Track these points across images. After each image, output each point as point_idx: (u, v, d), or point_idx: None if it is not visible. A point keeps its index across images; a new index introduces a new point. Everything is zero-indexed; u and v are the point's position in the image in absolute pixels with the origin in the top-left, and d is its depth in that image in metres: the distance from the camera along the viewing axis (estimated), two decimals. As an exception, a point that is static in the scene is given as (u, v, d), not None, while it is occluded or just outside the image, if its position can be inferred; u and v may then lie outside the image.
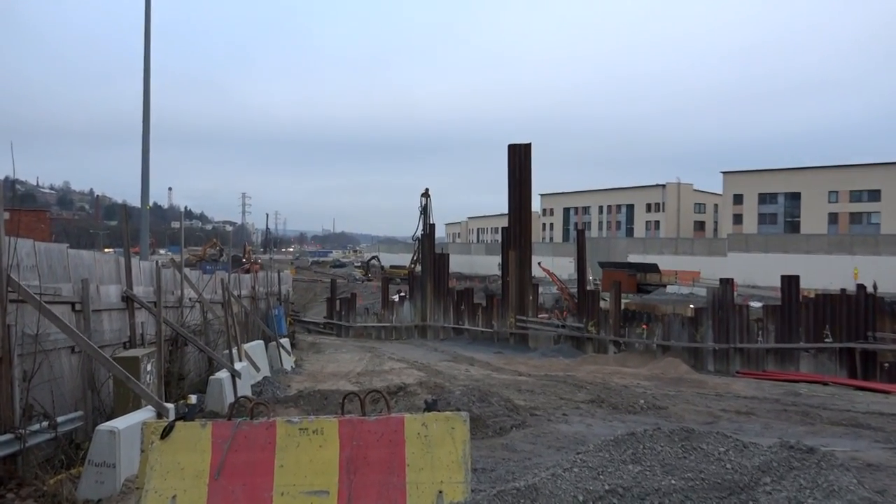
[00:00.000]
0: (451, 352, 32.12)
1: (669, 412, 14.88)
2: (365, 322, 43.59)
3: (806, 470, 6.27)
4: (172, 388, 13.61)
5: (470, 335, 38.64)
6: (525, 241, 37.42)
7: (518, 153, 37.73)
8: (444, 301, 40.81)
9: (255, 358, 18.01)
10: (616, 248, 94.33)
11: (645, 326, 31.34)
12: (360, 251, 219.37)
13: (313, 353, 29.47)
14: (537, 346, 35.12)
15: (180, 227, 23.55)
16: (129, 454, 8.34)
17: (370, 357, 27.32)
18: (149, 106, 22.88)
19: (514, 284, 36.97)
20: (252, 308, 24.41)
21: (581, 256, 36.63)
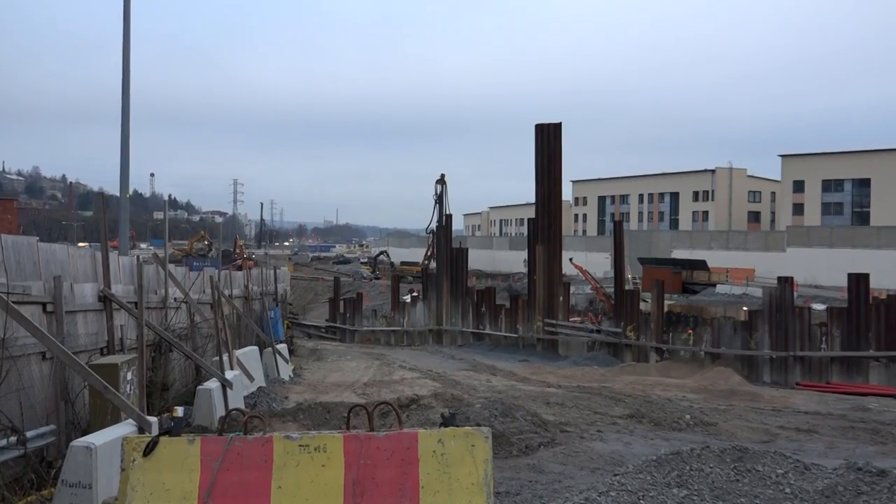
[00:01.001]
0: (470, 359, 32.13)
1: (719, 429, 14.81)
2: (372, 326, 43.69)
3: (876, 495, 6.22)
4: (156, 399, 13.69)
5: (491, 341, 38.63)
6: (554, 233, 37.35)
7: (546, 134, 37.63)
8: (463, 302, 40.83)
9: (248, 366, 18.09)
10: (658, 243, 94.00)
11: (691, 331, 31.20)
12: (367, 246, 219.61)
13: (314, 360, 29.56)
14: (568, 353, 35.05)
15: (164, 219, 23.61)
16: (108, 473, 8.39)
17: (378, 365, 27.38)
18: (128, 80, 23.01)
19: (541, 283, 36.92)
20: (245, 310, 24.51)
21: (618, 252, 36.52)
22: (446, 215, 53.95)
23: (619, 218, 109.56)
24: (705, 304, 52.92)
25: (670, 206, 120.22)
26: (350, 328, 43.82)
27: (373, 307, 54.45)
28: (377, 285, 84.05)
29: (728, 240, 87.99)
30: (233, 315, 21.52)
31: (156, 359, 14.73)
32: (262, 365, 20.83)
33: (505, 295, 56.23)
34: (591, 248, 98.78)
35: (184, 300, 17.12)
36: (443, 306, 41.53)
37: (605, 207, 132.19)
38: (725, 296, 63.39)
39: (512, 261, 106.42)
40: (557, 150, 37.59)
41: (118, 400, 9.53)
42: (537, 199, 37.93)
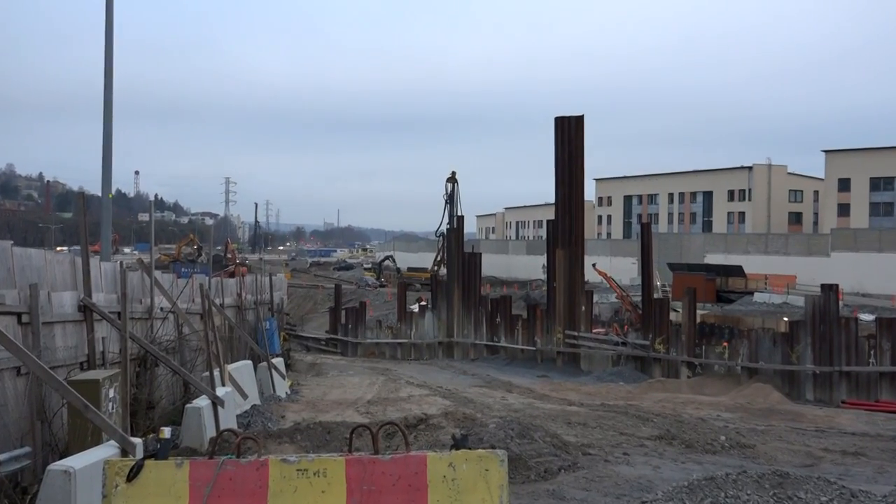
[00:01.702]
0: (483, 375, 32.10)
1: (757, 452, 14.75)
2: (377, 338, 43.70)
3: (932, 526, 6.18)
4: (140, 418, 13.70)
5: (507, 354, 38.60)
6: (576, 237, 37.33)
7: (567, 128, 37.63)
8: (476, 312, 40.82)
9: (241, 382, 18.11)
10: (690, 246, 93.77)
11: (726, 344, 31.13)
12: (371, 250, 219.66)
13: (313, 375, 29.58)
14: (591, 368, 34.99)
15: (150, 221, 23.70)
16: (88, 500, 8.40)
17: (383, 381, 27.37)
18: (111, 70, 23.10)
19: (562, 291, 36.89)
20: (238, 320, 24.55)
21: (646, 256, 36.45)
22: (458, 217, 54.11)
23: (647, 219, 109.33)
24: (741, 314, 52.74)
25: (703, 207, 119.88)
26: (352, 340, 43.84)
27: (377, 317, 54.44)
28: (382, 293, 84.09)
29: (766, 243, 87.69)
30: (224, 326, 21.55)
31: (140, 374, 14.75)
32: (257, 381, 20.85)
33: (522, 304, 56.16)
34: (616, 252, 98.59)
35: (171, 310, 17.16)
36: (454, 317, 41.51)
37: (632, 208, 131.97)
38: (764, 305, 63.18)
39: (529, 267, 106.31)
40: (579, 146, 37.58)
41: (99, 419, 9.54)
42: (557, 199, 37.92)
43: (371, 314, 57.47)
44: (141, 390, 14.47)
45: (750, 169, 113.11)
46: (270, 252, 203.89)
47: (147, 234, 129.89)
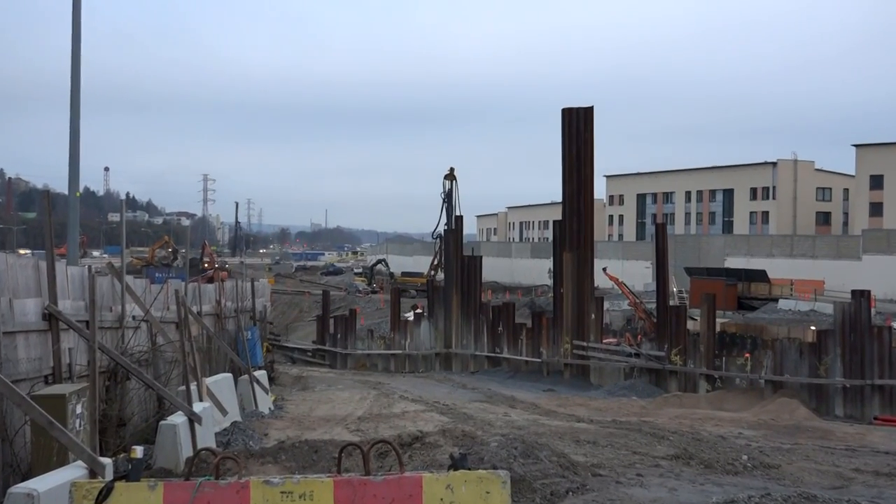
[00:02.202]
0: (484, 389, 32.08)
1: (783, 472, 14.74)
2: (368, 349, 43.69)
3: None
4: (110, 436, 13.69)
5: (510, 366, 38.58)
6: (585, 238, 37.32)
7: (575, 121, 37.63)
8: (476, 321, 40.81)
9: (220, 397, 18.09)
10: (709, 249, 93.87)
11: (748, 356, 31.10)
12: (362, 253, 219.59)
13: (299, 390, 29.56)
14: (602, 381, 34.97)
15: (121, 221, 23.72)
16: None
17: (375, 396, 27.36)
18: (79, 58, 23.08)
19: (569, 298, 36.87)
20: (217, 330, 24.52)
21: (661, 260, 36.43)
22: (456, 217, 54.10)
23: (662, 220, 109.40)
24: (765, 322, 52.81)
25: (723, 206, 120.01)
26: (342, 351, 43.82)
27: (369, 326, 54.48)
28: (374, 300, 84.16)
29: (792, 246, 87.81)
30: (202, 336, 21.53)
31: (110, 388, 14.72)
32: (238, 395, 20.83)
33: (526, 312, 56.16)
34: (629, 255, 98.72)
35: (144, 318, 17.14)
36: (452, 326, 41.51)
37: (646, 207, 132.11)
38: (789, 313, 63.21)
39: (534, 271, 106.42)
40: (588, 140, 37.57)
41: (66, 438, 9.52)
42: (564, 198, 37.90)
43: (362, 323, 57.44)
44: (111, 406, 14.45)
45: (774, 165, 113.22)
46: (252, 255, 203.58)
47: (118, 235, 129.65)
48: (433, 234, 78.94)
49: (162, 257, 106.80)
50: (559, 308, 37.31)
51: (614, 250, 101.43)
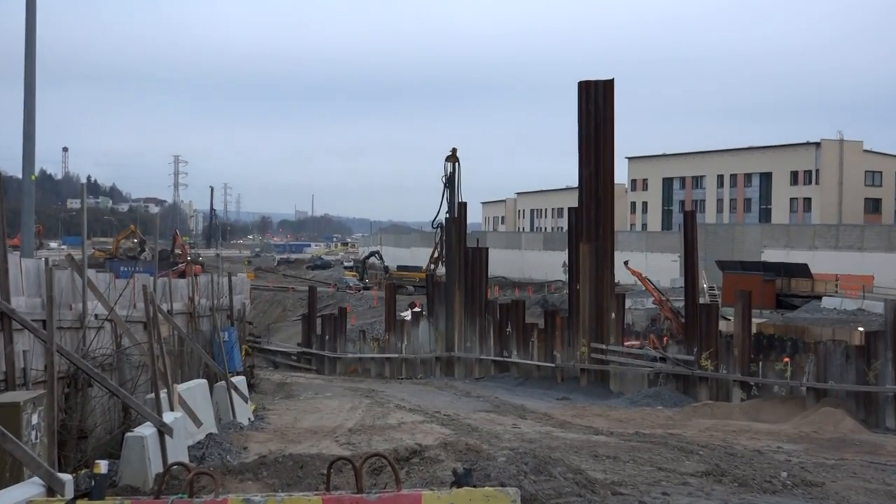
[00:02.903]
0: (491, 397, 32.10)
1: (827, 491, 14.74)
2: (360, 352, 43.72)
3: None
4: (70, 450, 13.68)
5: (520, 372, 38.61)
6: (604, 228, 37.30)
7: (593, 95, 37.59)
8: (481, 320, 40.83)
9: (194, 405, 18.10)
10: (744, 240, 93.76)
11: (788, 360, 31.07)
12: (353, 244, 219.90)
13: (282, 398, 29.58)
14: (623, 388, 34.99)
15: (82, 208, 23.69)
16: (7, 549, 8.40)
17: (368, 405, 27.38)
18: (34, 27, 23.04)
19: (587, 295, 36.87)
20: (190, 330, 24.52)
21: (690, 252, 36.43)
22: (459, 203, 53.94)
23: (691, 207, 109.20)
24: (807, 322, 52.73)
25: (760, 192, 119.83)
26: (330, 355, 43.85)
27: (361, 327, 54.48)
28: (366, 298, 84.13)
29: (838, 236, 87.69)
30: (173, 338, 21.53)
31: (70, 396, 14.73)
32: (213, 404, 20.85)
33: (538, 311, 56.15)
34: (654, 247, 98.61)
35: (108, 318, 17.14)
36: (454, 326, 41.53)
37: (672, 193, 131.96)
38: (834, 312, 63.14)
39: (547, 265, 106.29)
40: (608, 117, 37.53)
41: (20, 451, 9.52)
42: (581, 183, 37.88)
43: (353, 323, 57.45)
44: (71, 416, 14.45)
45: (817, 145, 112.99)
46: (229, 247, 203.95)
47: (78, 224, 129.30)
48: (433, 223, 78.71)
49: (128, 249, 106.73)
50: (575, 306, 37.30)
51: (637, 241, 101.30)
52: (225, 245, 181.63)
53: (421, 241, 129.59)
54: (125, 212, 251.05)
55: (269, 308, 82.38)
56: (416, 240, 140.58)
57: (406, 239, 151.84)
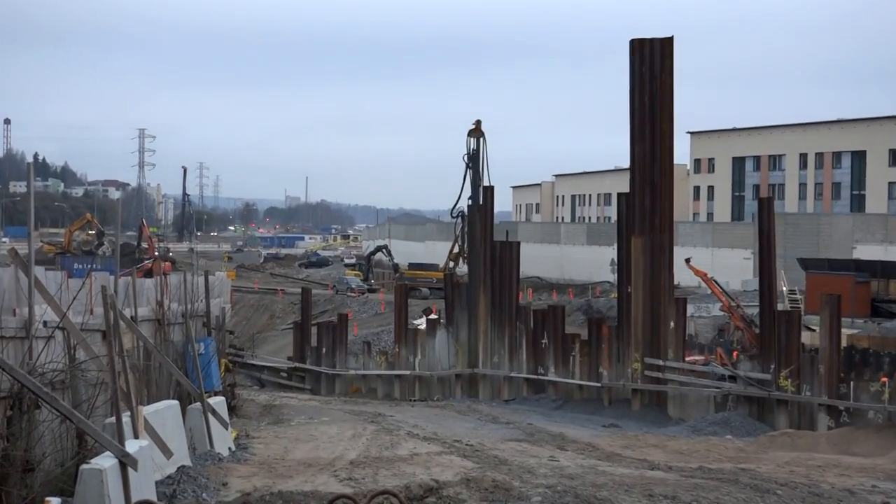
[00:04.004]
0: (522, 424, 32.07)
1: (934, 541, 14.69)
2: (364, 368, 43.78)
3: None
4: (13, 484, 13.72)
5: (558, 393, 38.58)
6: (662, 218, 37.22)
7: (648, 57, 37.51)
8: (512, 330, 40.80)
9: (163, 432, 18.13)
10: (832, 233, 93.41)
11: (885, 380, 30.97)
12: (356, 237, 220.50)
13: (270, 423, 29.61)
14: (684, 413, 34.93)
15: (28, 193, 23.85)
16: None
17: (374, 432, 27.39)
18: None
19: (640, 300, 36.81)
20: (158, 341, 24.59)
21: (766, 248, 36.32)
22: (484, 188, 53.92)
23: (768, 193, 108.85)
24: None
25: (852, 175, 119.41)
26: (328, 371, 43.90)
27: (365, 337, 54.55)
28: (372, 302, 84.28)
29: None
30: (138, 350, 21.59)
31: (14, 420, 14.77)
32: (186, 431, 20.89)
33: (581, 318, 56.18)
34: (722, 241, 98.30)
35: (59, 325, 17.19)
36: (479, 337, 41.51)
37: (744, 176, 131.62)
38: (943, 321, 62.87)
39: (591, 262, 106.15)
40: (666, 83, 37.44)
41: (-46, 487, 9.56)
42: (633, 163, 37.82)
43: (355, 333, 57.56)
44: (14, 444, 14.50)
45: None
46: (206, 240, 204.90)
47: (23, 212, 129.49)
48: (453, 212, 78.90)
49: (83, 242, 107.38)
50: (626, 313, 37.26)
51: (702, 235, 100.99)
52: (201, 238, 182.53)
53: (438, 233, 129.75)
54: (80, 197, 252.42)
55: (254, 314, 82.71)
56: (431, 232, 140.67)
57: (420, 231, 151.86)
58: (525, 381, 39.84)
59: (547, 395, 38.87)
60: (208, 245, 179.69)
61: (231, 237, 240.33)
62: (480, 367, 41.31)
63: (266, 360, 49.93)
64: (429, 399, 41.10)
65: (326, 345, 44.43)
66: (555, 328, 39.77)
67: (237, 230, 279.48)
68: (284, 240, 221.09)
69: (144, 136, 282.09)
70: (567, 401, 37.91)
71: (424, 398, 41.34)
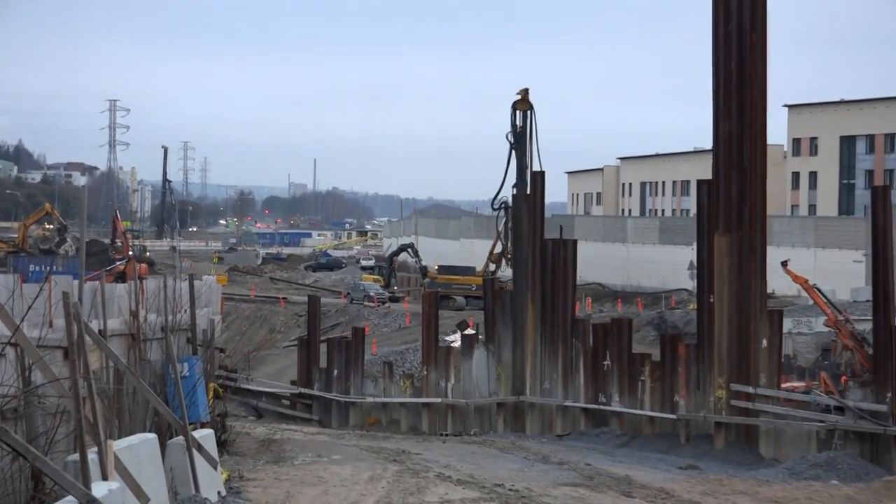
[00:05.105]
0: (580, 464, 32.08)
1: None
2: (385, 394, 43.81)
3: None
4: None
5: (624, 427, 38.54)
6: (752, 212, 37.13)
7: (736, 12, 37.44)
8: (565, 349, 40.76)
9: (137, 472, 18.19)
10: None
11: None
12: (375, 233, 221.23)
13: (269, 462, 29.70)
14: (779, 453, 34.84)
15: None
16: None
17: (397, 473, 27.44)
18: None
19: (725, 312, 36.74)
20: (132, 360, 24.69)
21: (882, 248, 36.17)
22: (533, 174, 53.97)
23: (885, 181, 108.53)
24: None
25: None
26: (340, 399, 43.99)
27: (386, 357, 54.65)
28: (395, 313, 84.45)
29: None
30: (107, 372, 21.68)
31: (-44, 457, 14.86)
32: (166, 471, 20.97)
33: (652, 334, 56.12)
34: (826, 240, 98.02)
35: (11, 341, 17.28)
36: (525, 357, 41.51)
37: (855, 159, 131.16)
38: None
39: (665, 265, 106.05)
40: (757, 45, 37.37)
41: None
42: (717, 143, 37.75)
43: (374, 352, 57.71)
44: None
45: None
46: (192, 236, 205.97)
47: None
48: (494, 203, 79.07)
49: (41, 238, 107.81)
50: (707, 329, 37.20)
51: (801, 232, 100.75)
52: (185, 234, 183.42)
53: (476, 229, 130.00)
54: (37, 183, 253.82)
55: (249, 328, 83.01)
56: (467, 227, 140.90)
57: (454, 226, 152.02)
58: (582, 411, 39.79)
59: (610, 429, 38.81)
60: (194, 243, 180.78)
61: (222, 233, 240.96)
62: (528, 394, 41.29)
63: (264, 384, 50.07)
64: (464, 433, 41.13)
65: (338, 366, 44.52)
66: (619, 347, 39.69)
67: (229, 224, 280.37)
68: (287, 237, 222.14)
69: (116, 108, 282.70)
70: (635, 436, 37.86)
71: (459, 432, 41.39)
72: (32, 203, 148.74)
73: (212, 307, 39.06)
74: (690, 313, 57.99)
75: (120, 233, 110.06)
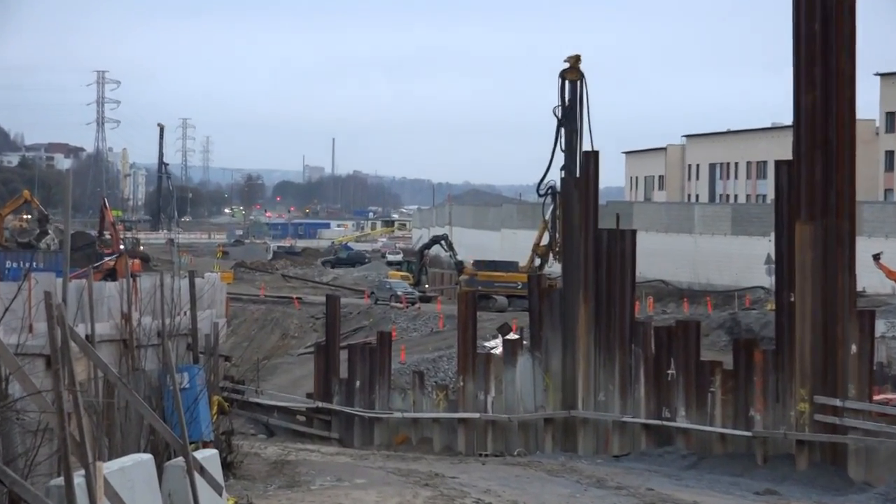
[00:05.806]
0: (640, 489, 32.07)
1: None
2: (415, 409, 43.82)
3: None
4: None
5: (692, 445, 38.50)
6: (840, 197, 37.03)
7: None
8: (623, 356, 40.71)
9: (130, 497, 18.24)
10: None
11: None
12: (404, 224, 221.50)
13: (281, 486, 29.76)
14: (872, 475, 34.77)
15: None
16: None
17: (428, 500, 27.47)
18: None
19: (808, 312, 36.66)
20: (124, 370, 24.76)
21: None
22: (585, 153, 53.88)
23: None
24: None
25: None
26: (363, 414, 44.06)
27: (416, 365, 54.68)
28: (426, 315, 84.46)
29: None
30: (96, 383, 21.75)
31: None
32: (164, 496, 21.04)
33: (723, 339, 56.02)
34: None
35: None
36: (577, 365, 41.48)
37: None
38: None
39: (738, 259, 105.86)
40: (845, 4, 37.27)
41: None
42: (798, 119, 37.67)
43: (403, 359, 57.77)
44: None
45: None
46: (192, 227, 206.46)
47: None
48: (540, 188, 78.95)
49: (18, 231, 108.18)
50: (788, 333, 37.14)
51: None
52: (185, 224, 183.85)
53: (519, 218, 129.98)
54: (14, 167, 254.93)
55: (259, 333, 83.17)
56: (509, 216, 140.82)
57: (493, 215, 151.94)
58: (643, 427, 39.77)
59: (675, 448, 38.77)
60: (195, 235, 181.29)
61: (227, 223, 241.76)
62: (580, 408, 41.25)
63: (276, 397, 50.18)
64: (506, 454, 41.14)
65: (361, 376, 44.56)
66: (686, 353, 39.65)
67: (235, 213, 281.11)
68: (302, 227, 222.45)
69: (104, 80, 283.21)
70: (704, 456, 37.81)
71: (500, 452, 41.39)
72: (9, 190, 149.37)
73: (215, 309, 39.13)
74: (767, 315, 57.84)
75: (109, 224, 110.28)
